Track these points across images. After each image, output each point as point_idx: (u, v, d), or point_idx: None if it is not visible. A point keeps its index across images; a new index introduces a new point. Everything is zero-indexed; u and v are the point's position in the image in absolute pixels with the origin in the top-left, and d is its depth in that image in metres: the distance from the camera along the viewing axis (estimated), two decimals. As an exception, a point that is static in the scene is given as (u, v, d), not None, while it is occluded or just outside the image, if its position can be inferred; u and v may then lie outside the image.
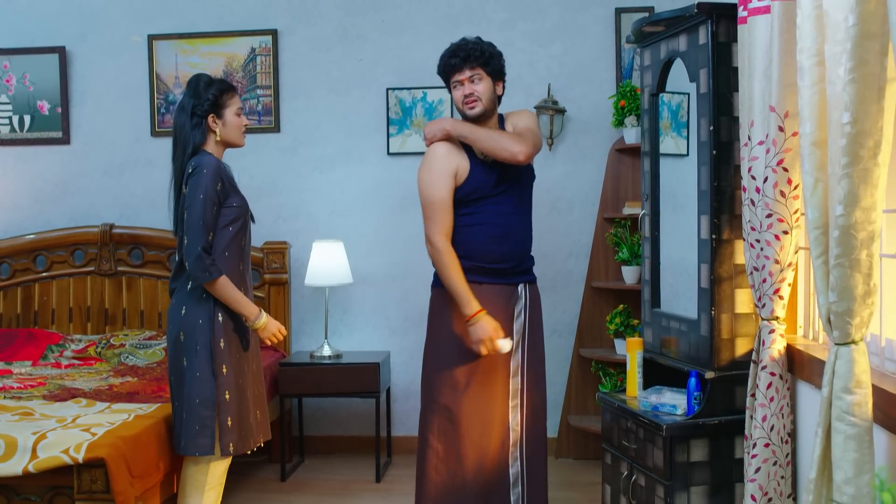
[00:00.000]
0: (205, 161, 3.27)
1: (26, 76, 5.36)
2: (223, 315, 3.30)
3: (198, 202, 3.22)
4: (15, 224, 5.40)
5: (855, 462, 2.21)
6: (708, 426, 3.24)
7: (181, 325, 3.30)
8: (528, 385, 3.45)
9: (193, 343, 3.27)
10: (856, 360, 2.26)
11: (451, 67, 3.39)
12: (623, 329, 4.69)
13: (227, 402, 3.27)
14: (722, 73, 3.26)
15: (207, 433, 3.25)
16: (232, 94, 3.39)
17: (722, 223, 3.26)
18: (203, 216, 3.21)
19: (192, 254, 3.20)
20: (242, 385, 3.34)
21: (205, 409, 3.25)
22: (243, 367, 3.36)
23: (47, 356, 4.80)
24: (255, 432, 3.39)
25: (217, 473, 3.36)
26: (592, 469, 4.75)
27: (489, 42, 3.45)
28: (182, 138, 3.34)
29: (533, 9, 5.14)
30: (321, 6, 5.24)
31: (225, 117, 3.37)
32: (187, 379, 3.28)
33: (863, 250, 2.17)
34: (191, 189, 3.24)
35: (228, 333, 3.31)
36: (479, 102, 3.38)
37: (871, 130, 2.09)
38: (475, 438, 3.38)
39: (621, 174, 4.97)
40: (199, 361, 3.26)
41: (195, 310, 3.29)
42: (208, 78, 3.40)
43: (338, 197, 5.26)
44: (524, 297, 3.47)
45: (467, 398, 3.38)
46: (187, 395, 3.27)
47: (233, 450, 3.28)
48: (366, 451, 5.17)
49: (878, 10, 2.01)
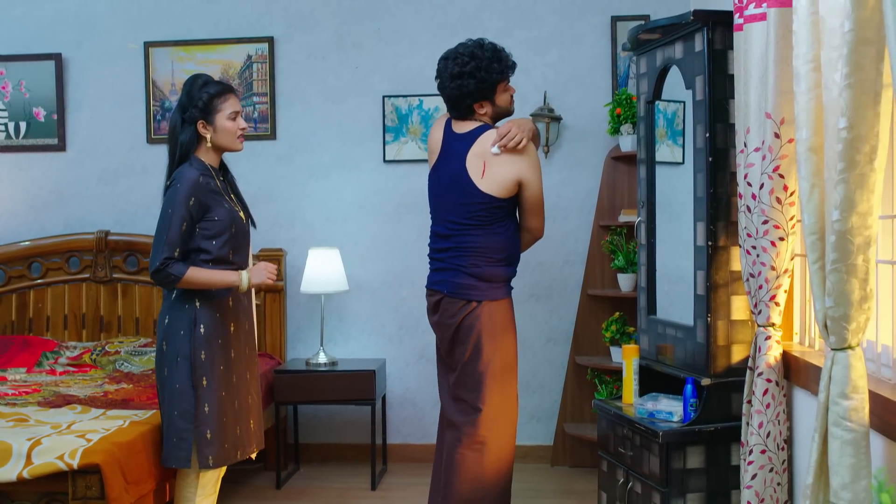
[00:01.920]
0: (182, 175, 3.20)
1: (22, 83, 5.36)
2: (206, 326, 3.23)
3: (165, 217, 3.18)
4: (10, 231, 5.39)
5: (852, 467, 2.22)
6: (704, 433, 3.24)
7: (164, 334, 3.26)
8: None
9: (174, 354, 3.22)
10: (852, 366, 2.26)
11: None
12: (619, 337, 4.69)
13: (206, 415, 3.21)
14: (718, 81, 3.27)
15: (184, 446, 3.20)
16: (226, 96, 3.29)
17: (718, 230, 3.27)
18: (167, 232, 3.16)
19: (153, 269, 3.16)
20: (226, 397, 3.27)
21: (182, 422, 3.20)
22: (229, 378, 3.29)
23: (42, 363, 4.79)
24: (241, 444, 3.33)
25: (208, 483, 3.32)
26: (588, 477, 4.74)
27: (474, 65, 3.38)
28: (173, 139, 3.29)
29: (529, 17, 5.15)
30: (317, 14, 5.25)
31: (216, 122, 3.27)
32: (167, 390, 3.24)
33: (859, 255, 2.18)
34: (163, 203, 3.21)
35: (211, 344, 3.24)
36: (492, 122, 3.52)
37: (867, 135, 2.10)
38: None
39: (617, 182, 4.98)
40: (179, 373, 3.21)
41: (177, 320, 3.24)
42: (205, 79, 3.31)
43: (334, 204, 5.26)
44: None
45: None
46: (167, 407, 3.24)
47: (212, 463, 3.21)
48: (361, 459, 5.16)
49: (874, 16, 2.02)
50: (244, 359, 3.38)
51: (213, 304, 3.27)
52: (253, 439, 3.41)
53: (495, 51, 3.41)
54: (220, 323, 3.28)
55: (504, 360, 3.44)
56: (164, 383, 3.25)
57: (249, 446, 3.38)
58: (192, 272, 3.18)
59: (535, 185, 3.42)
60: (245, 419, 3.36)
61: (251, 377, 3.43)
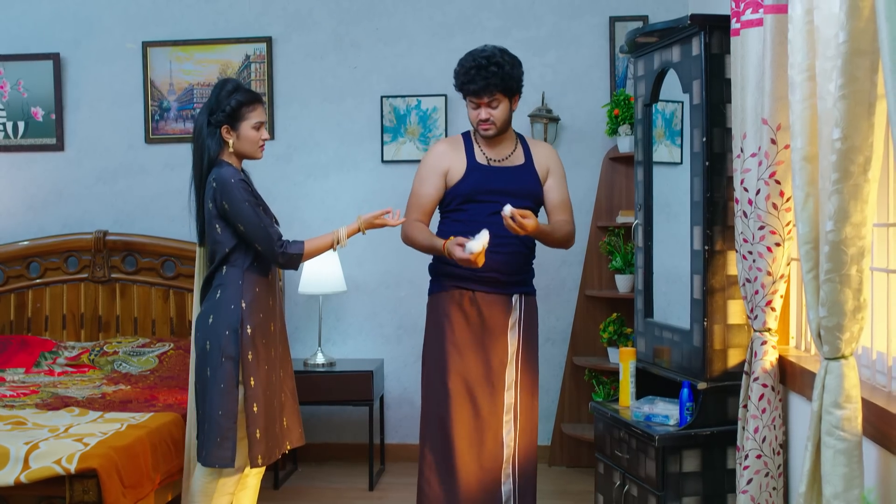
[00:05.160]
0: (225, 173, 3.24)
1: (20, 83, 5.36)
2: (252, 326, 3.23)
3: (244, 211, 3.21)
4: (8, 230, 5.39)
5: (844, 477, 2.22)
6: (700, 437, 3.25)
7: (208, 334, 3.24)
8: (523, 400, 3.41)
9: (218, 354, 3.20)
10: (845, 375, 2.27)
11: (470, 91, 3.34)
12: (616, 337, 4.69)
13: (256, 415, 3.21)
14: (715, 85, 3.27)
15: (229, 445, 3.18)
16: (254, 106, 3.32)
17: (714, 234, 3.27)
18: (258, 218, 3.22)
19: (278, 259, 3.25)
20: (270, 395, 3.28)
21: (227, 421, 3.18)
22: (271, 378, 3.30)
23: (40, 363, 4.79)
24: (280, 441, 3.35)
25: (230, 482, 3.30)
26: (585, 477, 4.75)
27: (511, 57, 3.36)
28: (199, 143, 3.32)
29: (527, 17, 5.14)
30: (315, 14, 5.25)
31: (240, 130, 3.30)
32: (210, 389, 3.20)
33: (853, 266, 2.18)
34: (230, 204, 3.22)
35: (257, 345, 3.24)
36: (493, 126, 3.39)
37: (861, 147, 2.10)
38: (466, 452, 3.35)
39: (615, 183, 4.98)
40: (223, 373, 3.19)
41: (223, 321, 3.22)
42: (235, 85, 3.32)
43: (332, 204, 5.26)
44: (519, 309, 3.44)
45: (459, 410, 3.35)
46: (209, 407, 3.20)
47: (261, 461, 3.22)
48: (359, 459, 5.17)
49: (869, 28, 2.02)
50: (279, 358, 3.39)
51: (258, 304, 3.28)
52: (287, 437, 3.42)
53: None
54: (264, 323, 3.29)
55: (425, 353, 3.53)
56: (207, 384, 3.22)
57: (284, 444, 3.40)
58: (308, 243, 3.31)
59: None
60: (281, 418, 3.37)
61: (285, 375, 3.43)
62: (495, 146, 3.47)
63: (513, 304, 3.43)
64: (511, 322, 3.42)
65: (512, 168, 3.45)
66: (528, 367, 3.43)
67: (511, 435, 3.39)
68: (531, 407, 3.44)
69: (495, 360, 3.38)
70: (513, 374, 3.40)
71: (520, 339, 3.43)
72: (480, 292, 3.39)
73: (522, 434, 3.40)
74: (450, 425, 3.35)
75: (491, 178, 3.41)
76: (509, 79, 3.33)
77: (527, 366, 3.43)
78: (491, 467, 3.37)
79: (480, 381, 3.37)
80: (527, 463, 3.42)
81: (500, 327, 3.40)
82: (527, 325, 3.45)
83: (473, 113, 3.39)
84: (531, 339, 3.47)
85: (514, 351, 3.41)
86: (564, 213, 3.52)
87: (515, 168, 3.46)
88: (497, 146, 3.47)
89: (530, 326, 3.47)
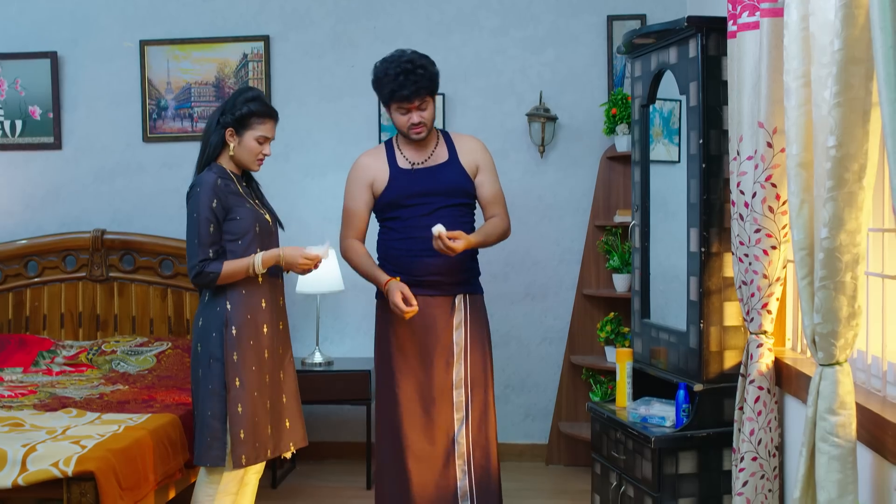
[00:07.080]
0: (202, 179, 3.28)
1: (18, 81, 5.35)
2: (237, 327, 3.25)
3: (192, 222, 3.26)
4: (6, 229, 5.39)
5: (838, 483, 2.23)
6: (696, 438, 3.26)
7: (198, 336, 3.30)
8: (474, 397, 3.47)
9: (207, 355, 3.25)
10: (840, 381, 2.27)
11: (400, 98, 3.37)
12: (614, 337, 4.70)
13: (241, 416, 3.22)
14: (711, 87, 3.27)
15: (219, 445, 3.22)
16: (265, 120, 3.34)
17: (711, 236, 3.27)
18: (198, 235, 3.24)
19: (192, 273, 3.25)
20: (259, 397, 3.28)
21: (216, 422, 3.22)
22: (262, 379, 3.30)
23: (38, 363, 4.80)
24: (273, 443, 3.34)
25: (231, 482, 3.31)
26: (583, 476, 4.76)
27: (428, 59, 3.44)
28: (205, 138, 3.38)
29: (525, 16, 5.14)
30: (313, 13, 5.24)
31: (244, 137, 3.33)
32: (201, 390, 3.27)
33: (847, 273, 2.18)
34: (187, 209, 3.30)
35: (244, 345, 3.26)
36: (426, 128, 3.46)
37: (856, 154, 2.10)
38: (418, 451, 3.41)
39: (613, 182, 4.98)
40: (211, 374, 3.23)
41: (209, 322, 3.27)
42: (255, 94, 3.36)
43: (329, 203, 5.25)
44: (463, 309, 3.49)
45: (408, 412, 3.43)
46: (201, 408, 3.26)
47: (245, 461, 3.23)
48: (357, 458, 5.18)
49: (863, 36, 2.02)
50: (278, 359, 3.39)
51: (245, 305, 3.29)
52: (288, 438, 3.41)
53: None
54: (253, 324, 3.30)
55: (374, 358, 3.60)
56: (199, 384, 3.28)
57: (284, 445, 3.40)
58: (227, 266, 3.26)
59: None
60: (279, 419, 3.37)
61: (285, 376, 3.43)
62: (418, 148, 3.53)
63: (456, 305, 3.49)
64: (456, 322, 3.48)
65: (435, 167, 3.51)
66: (478, 365, 3.49)
67: (463, 432, 3.44)
68: (484, 402, 3.49)
69: (440, 360, 3.45)
70: (461, 373, 3.46)
71: (466, 339, 3.48)
72: (421, 296, 3.42)
73: (475, 430, 3.45)
74: (400, 428, 3.42)
75: (415, 181, 3.48)
76: (435, 79, 3.43)
77: (477, 364, 3.49)
78: (444, 465, 3.43)
79: (427, 383, 3.44)
80: (482, 458, 3.47)
81: (444, 328, 3.46)
82: (473, 323, 3.50)
83: (403, 118, 3.42)
84: (479, 337, 3.52)
85: (460, 351, 3.47)
86: (498, 206, 3.58)
87: (439, 167, 3.51)
88: (419, 148, 3.53)
89: (477, 324, 3.52)
